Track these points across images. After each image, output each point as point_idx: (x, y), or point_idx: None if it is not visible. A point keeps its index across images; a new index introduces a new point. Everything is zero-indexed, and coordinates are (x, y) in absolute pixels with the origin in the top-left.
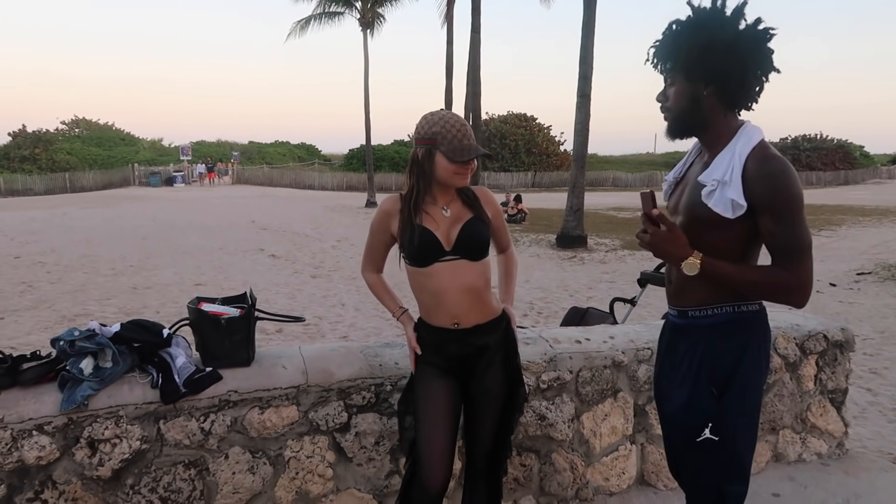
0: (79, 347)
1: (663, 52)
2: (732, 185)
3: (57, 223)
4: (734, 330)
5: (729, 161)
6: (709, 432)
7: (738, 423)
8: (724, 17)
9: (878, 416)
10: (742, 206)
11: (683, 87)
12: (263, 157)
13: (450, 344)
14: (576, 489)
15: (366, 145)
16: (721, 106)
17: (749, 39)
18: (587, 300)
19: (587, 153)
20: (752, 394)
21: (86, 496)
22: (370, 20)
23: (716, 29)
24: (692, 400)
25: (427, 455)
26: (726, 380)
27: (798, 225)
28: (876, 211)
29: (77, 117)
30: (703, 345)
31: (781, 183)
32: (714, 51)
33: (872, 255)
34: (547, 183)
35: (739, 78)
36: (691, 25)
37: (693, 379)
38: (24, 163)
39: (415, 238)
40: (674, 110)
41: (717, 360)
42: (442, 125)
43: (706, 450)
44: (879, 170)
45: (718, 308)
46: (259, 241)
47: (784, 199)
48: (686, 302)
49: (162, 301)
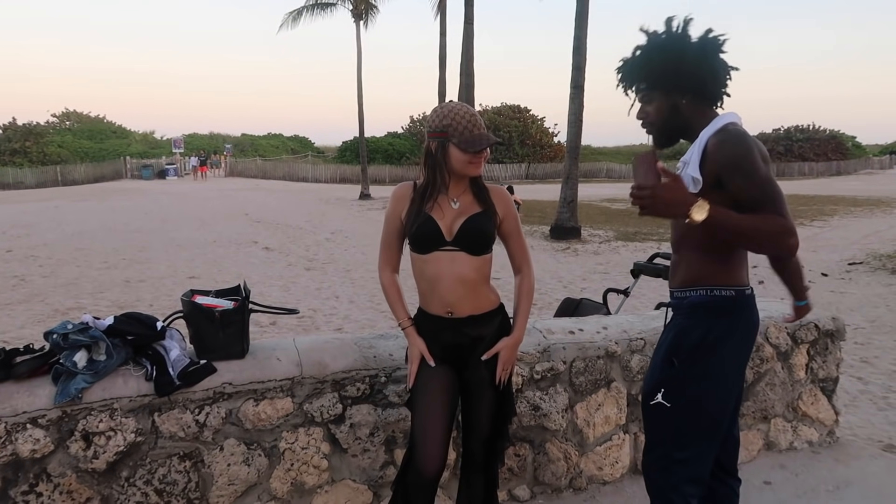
0: (72, 340)
1: (635, 75)
2: (692, 163)
3: (49, 216)
4: (704, 311)
5: (695, 146)
6: (661, 397)
7: (692, 393)
8: (680, 34)
9: (868, 404)
10: (699, 181)
11: (663, 101)
12: (256, 150)
13: (444, 332)
14: (570, 478)
15: (359, 137)
16: (698, 108)
17: (710, 46)
18: (581, 291)
19: (581, 144)
20: (712, 373)
21: (81, 489)
22: (363, 11)
23: (680, 45)
24: (653, 366)
25: (422, 440)
26: (688, 353)
27: (766, 176)
28: (868, 201)
29: (68, 110)
30: (676, 321)
31: (737, 146)
32: (685, 64)
33: (864, 245)
34: (541, 174)
35: (712, 81)
36: (658, 47)
37: (662, 350)
38: (14, 156)
39: (418, 223)
40: (657, 123)
41: (683, 335)
42: (452, 117)
43: (658, 413)
44: (871, 160)
45: (693, 291)
46: (253, 234)
47: (742, 157)
48: (674, 283)
49: (155, 294)
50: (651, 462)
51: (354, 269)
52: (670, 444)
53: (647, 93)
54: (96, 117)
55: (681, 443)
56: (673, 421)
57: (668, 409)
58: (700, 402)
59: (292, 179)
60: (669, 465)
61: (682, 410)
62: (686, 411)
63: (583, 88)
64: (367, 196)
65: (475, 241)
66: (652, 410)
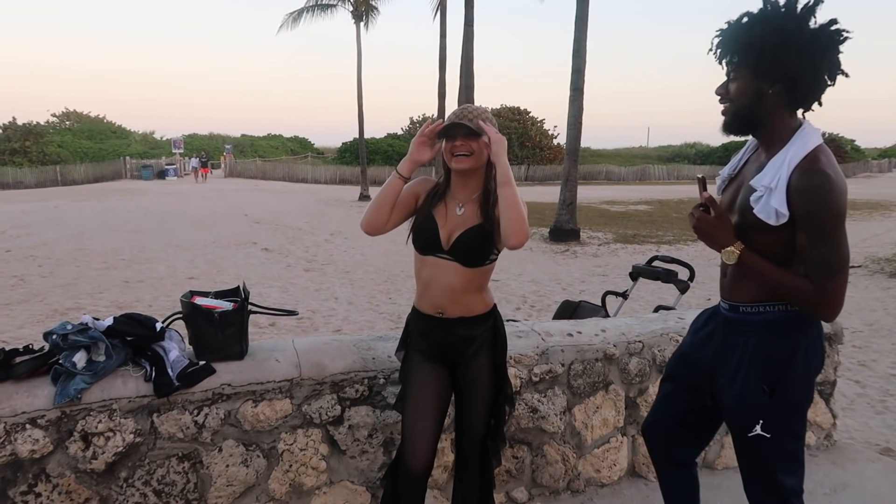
0: (72, 341)
1: (730, 45)
2: (777, 194)
3: (48, 216)
4: (786, 328)
5: (778, 168)
6: (760, 429)
7: (789, 419)
8: (798, 15)
9: (866, 407)
10: (784, 216)
11: (748, 83)
12: (256, 150)
13: (435, 331)
14: (567, 481)
15: (359, 138)
16: (784, 105)
17: (825, 41)
18: (579, 293)
19: (580, 147)
20: (804, 391)
21: (79, 489)
22: (363, 12)
23: (791, 28)
24: (744, 397)
25: (411, 437)
26: (777, 378)
27: (829, 244)
28: (867, 205)
29: (68, 110)
30: (753, 341)
31: (819, 199)
32: (788, 50)
33: (862, 248)
34: (540, 176)
35: (810, 80)
36: (765, 21)
37: (745, 376)
38: (14, 156)
39: (420, 220)
40: (736, 105)
41: (768, 358)
42: (450, 116)
43: (758, 444)
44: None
45: (770, 306)
46: (252, 235)
47: (818, 216)
48: (739, 297)
49: (155, 295)
50: (759, 491)
51: (353, 270)
52: (778, 468)
53: (736, 68)
54: (96, 117)
55: (785, 467)
56: (774, 449)
57: (768, 439)
58: (800, 425)
59: (292, 180)
60: (779, 492)
61: (783, 438)
62: (786, 438)
63: (582, 91)
64: (366, 197)
65: (469, 254)
66: (751, 442)
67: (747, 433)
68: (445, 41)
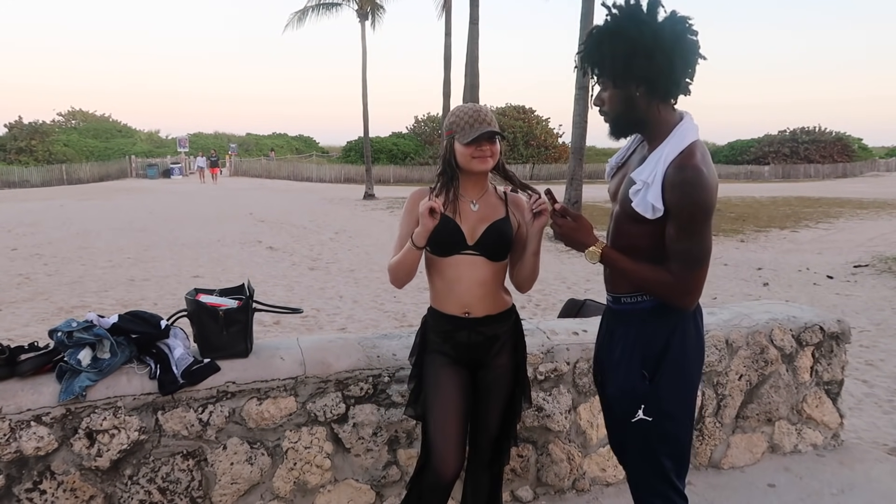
0: (77, 338)
1: (588, 60)
2: (653, 189)
3: (54, 215)
4: (663, 316)
5: (655, 164)
6: (642, 413)
7: (669, 403)
8: (641, 18)
9: (873, 407)
10: (660, 210)
11: (614, 91)
12: (261, 149)
13: (460, 332)
14: (572, 480)
15: (364, 137)
16: (655, 101)
17: (669, 35)
18: (585, 292)
19: (585, 145)
20: (684, 376)
21: (84, 486)
22: (368, 11)
23: (634, 34)
24: (626, 383)
25: (440, 443)
26: (656, 363)
27: (693, 236)
28: (874, 204)
29: (74, 108)
30: (634, 330)
31: (689, 193)
32: (637, 56)
33: (869, 247)
34: (545, 175)
35: (667, 75)
36: (611, 32)
37: (627, 363)
38: (20, 154)
39: (439, 230)
40: (611, 113)
41: (647, 344)
42: (458, 115)
43: (641, 429)
44: (877, 162)
45: (648, 295)
46: (257, 233)
47: (687, 209)
48: (620, 288)
49: (160, 293)
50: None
51: (358, 268)
52: (661, 454)
53: (600, 80)
54: (102, 116)
55: (668, 452)
56: (657, 433)
57: (650, 423)
58: (683, 410)
59: (297, 179)
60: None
61: (665, 422)
62: (668, 422)
63: (588, 89)
64: (371, 196)
65: (496, 247)
66: (634, 427)
67: (631, 419)
68: (451, 40)
